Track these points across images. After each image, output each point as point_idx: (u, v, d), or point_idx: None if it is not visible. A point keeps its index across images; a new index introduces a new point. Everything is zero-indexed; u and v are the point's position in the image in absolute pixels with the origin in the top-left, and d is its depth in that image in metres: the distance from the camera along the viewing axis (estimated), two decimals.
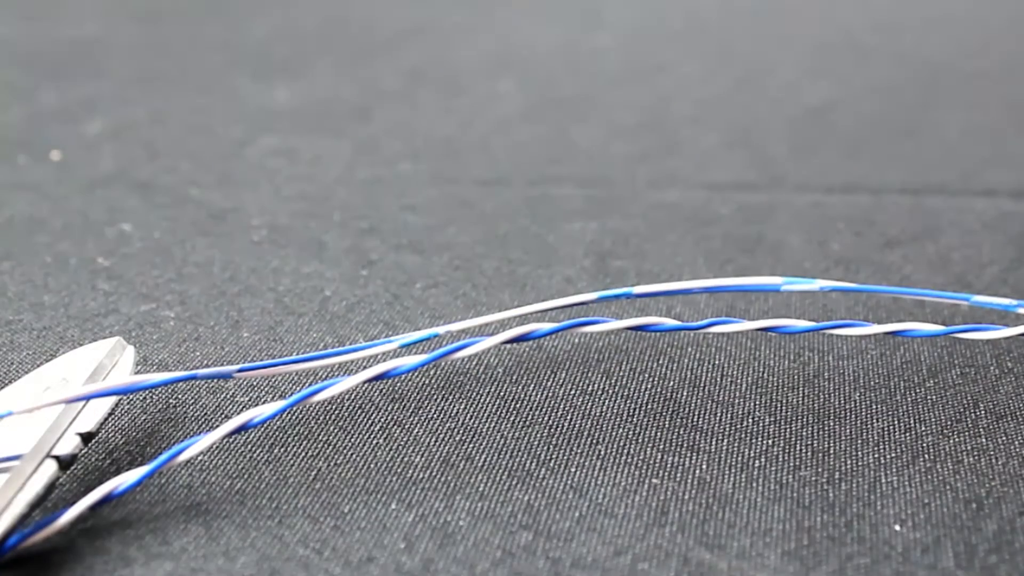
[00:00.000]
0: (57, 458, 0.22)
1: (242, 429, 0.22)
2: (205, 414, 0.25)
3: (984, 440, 0.24)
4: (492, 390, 0.26)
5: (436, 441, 0.25)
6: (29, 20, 0.55)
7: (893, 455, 0.24)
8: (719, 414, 0.25)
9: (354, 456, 0.24)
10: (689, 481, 0.23)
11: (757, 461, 0.24)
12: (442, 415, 0.25)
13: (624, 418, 0.25)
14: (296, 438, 0.25)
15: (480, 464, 0.24)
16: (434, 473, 0.23)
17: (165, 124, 0.43)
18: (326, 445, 0.24)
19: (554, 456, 0.24)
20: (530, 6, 0.59)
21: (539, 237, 0.34)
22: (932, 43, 0.53)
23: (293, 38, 0.54)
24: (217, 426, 0.22)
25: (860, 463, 0.24)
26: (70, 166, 0.39)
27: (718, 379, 0.27)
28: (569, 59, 0.51)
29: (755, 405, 0.26)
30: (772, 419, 0.25)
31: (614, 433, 0.25)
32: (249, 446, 0.24)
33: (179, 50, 0.52)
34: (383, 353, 0.25)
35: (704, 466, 0.24)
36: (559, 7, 0.59)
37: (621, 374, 0.27)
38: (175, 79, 0.48)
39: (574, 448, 0.24)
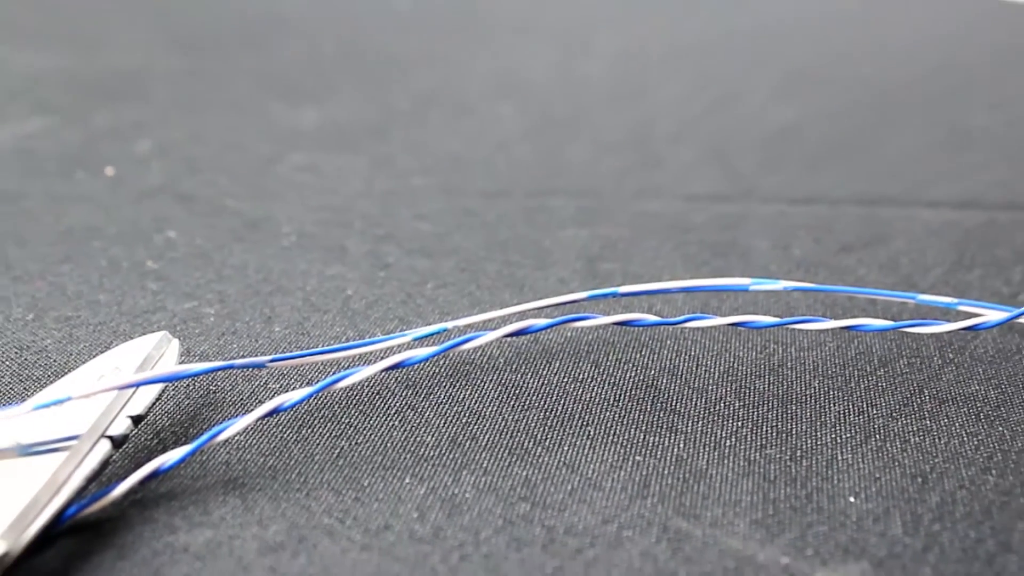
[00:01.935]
0: (111, 438, 0.22)
1: (274, 412, 0.22)
2: (241, 399, 0.26)
3: (928, 422, 0.25)
4: (494, 378, 0.26)
5: (445, 423, 0.25)
6: (84, 52, 0.55)
7: (848, 435, 0.24)
8: (694, 399, 0.26)
9: (372, 436, 0.24)
10: (668, 458, 0.23)
11: (728, 440, 0.24)
12: (450, 400, 0.26)
13: (611, 403, 0.25)
14: (321, 420, 0.25)
15: (484, 443, 0.24)
16: (443, 451, 0.24)
17: (204, 143, 0.43)
18: (348, 426, 0.24)
19: (549, 436, 0.24)
20: (527, 37, 0.59)
21: (536, 243, 0.34)
22: (884, 72, 0.53)
23: (317, 66, 0.54)
24: (252, 410, 0.22)
25: (819, 442, 0.24)
26: (122, 180, 0.39)
27: (694, 368, 0.27)
28: (562, 84, 0.51)
29: (726, 391, 0.26)
30: (741, 403, 0.25)
31: (602, 416, 0.25)
32: (280, 427, 0.24)
33: (216, 77, 0.52)
34: (398, 345, 0.25)
35: (681, 445, 0.24)
36: (553, 37, 0.59)
37: (608, 364, 0.27)
38: (213, 103, 0.48)
39: (566, 429, 0.24)
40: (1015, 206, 0.37)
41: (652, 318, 0.26)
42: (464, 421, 0.25)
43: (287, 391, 0.25)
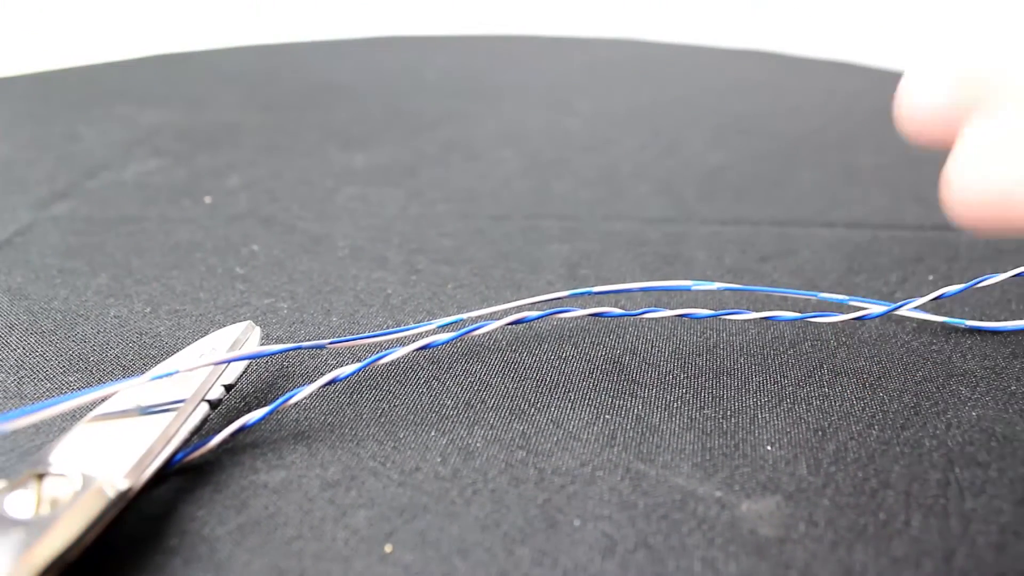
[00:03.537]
0: (209, 402, 0.22)
1: (331, 382, 0.22)
2: (307, 372, 0.26)
3: (827, 390, 0.24)
4: (499, 356, 0.26)
5: (461, 390, 0.25)
6: (191, 110, 0.55)
7: (766, 399, 0.24)
8: (650, 372, 0.26)
9: (406, 400, 0.24)
10: (629, 417, 0.23)
11: (675, 403, 0.24)
12: (465, 373, 0.25)
13: (586, 375, 0.25)
14: (368, 388, 0.25)
15: (490, 405, 0.24)
16: (460, 411, 0.24)
17: (280, 179, 0.43)
18: (388, 392, 0.24)
19: (540, 400, 0.24)
20: (524, 100, 0.59)
21: (530, 254, 0.34)
22: (792, 125, 0.53)
23: (365, 122, 0.54)
24: (315, 380, 0.22)
25: (744, 404, 0.24)
26: (217, 207, 0.39)
27: (649, 348, 0.27)
28: (550, 135, 0.51)
29: (674, 366, 0.26)
30: (685, 375, 0.25)
31: (579, 384, 0.25)
32: (336, 393, 0.24)
33: (290, 130, 0.52)
34: (426, 331, 0.25)
35: (640, 407, 0.24)
36: (543, 100, 0.59)
37: (584, 345, 0.27)
38: (287, 149, 0.48)
39: (553, 395, 0.24)
40: (892, 226, 0.37)
41: (617, 311, 0.26)
42: (476, 388, 0.25)
43: (342, 366, 0.25)
